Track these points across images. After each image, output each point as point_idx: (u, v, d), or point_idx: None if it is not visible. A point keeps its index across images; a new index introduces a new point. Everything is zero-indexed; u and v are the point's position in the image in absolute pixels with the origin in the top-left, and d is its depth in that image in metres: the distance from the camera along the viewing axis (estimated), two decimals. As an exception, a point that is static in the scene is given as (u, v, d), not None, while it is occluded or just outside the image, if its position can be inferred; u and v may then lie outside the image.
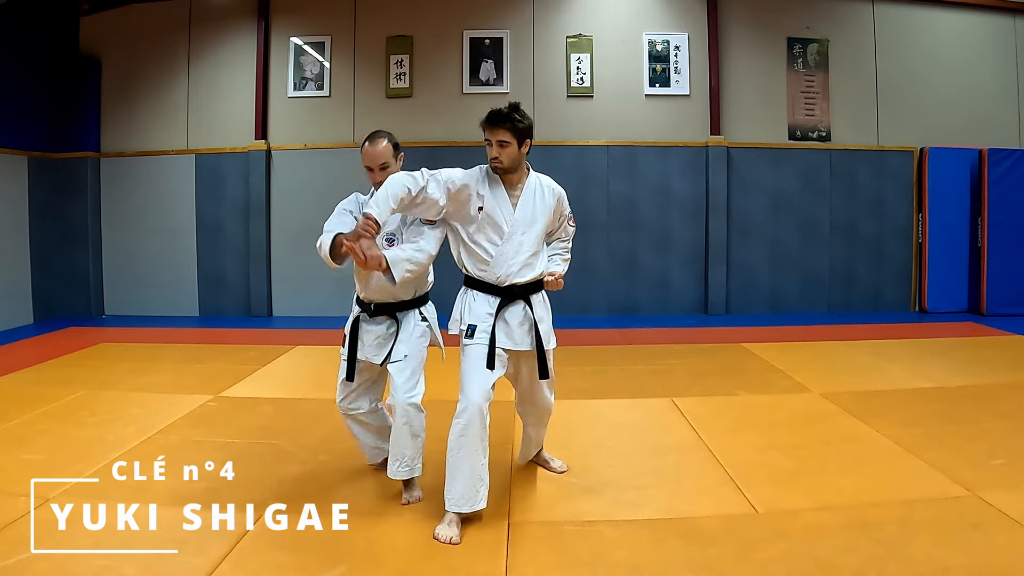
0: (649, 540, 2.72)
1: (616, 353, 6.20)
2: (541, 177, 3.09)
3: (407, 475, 3.06)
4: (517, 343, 2.97)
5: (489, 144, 2.91)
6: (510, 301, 2.98)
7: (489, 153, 2.92)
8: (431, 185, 2.86)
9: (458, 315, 3.03)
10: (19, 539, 2.69)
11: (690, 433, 4.02)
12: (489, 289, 2.97)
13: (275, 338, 7.11)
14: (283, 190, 8.66)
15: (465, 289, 3.06)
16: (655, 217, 8.59)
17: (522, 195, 3.01)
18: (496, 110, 2.90)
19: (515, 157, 2.92)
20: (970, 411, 4.36)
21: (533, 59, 8.57)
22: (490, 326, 2.93)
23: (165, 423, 4.19)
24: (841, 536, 2.69)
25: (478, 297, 2.98)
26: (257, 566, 2.53)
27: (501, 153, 2.89)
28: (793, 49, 8.63)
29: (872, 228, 8.68)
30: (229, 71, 8.73)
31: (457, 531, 2.76)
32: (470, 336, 2.93)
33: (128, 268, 8.82)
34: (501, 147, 2.88)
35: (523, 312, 3.00)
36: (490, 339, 2.91)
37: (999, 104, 8.70)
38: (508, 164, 2.92)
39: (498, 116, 2.87)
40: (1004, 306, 8.21)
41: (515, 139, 2.88)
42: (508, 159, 2.90)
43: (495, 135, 2.88)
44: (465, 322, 2.97)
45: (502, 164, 2.91)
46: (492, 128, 2.88)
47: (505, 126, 2.85)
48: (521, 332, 2.98)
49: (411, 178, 2.84)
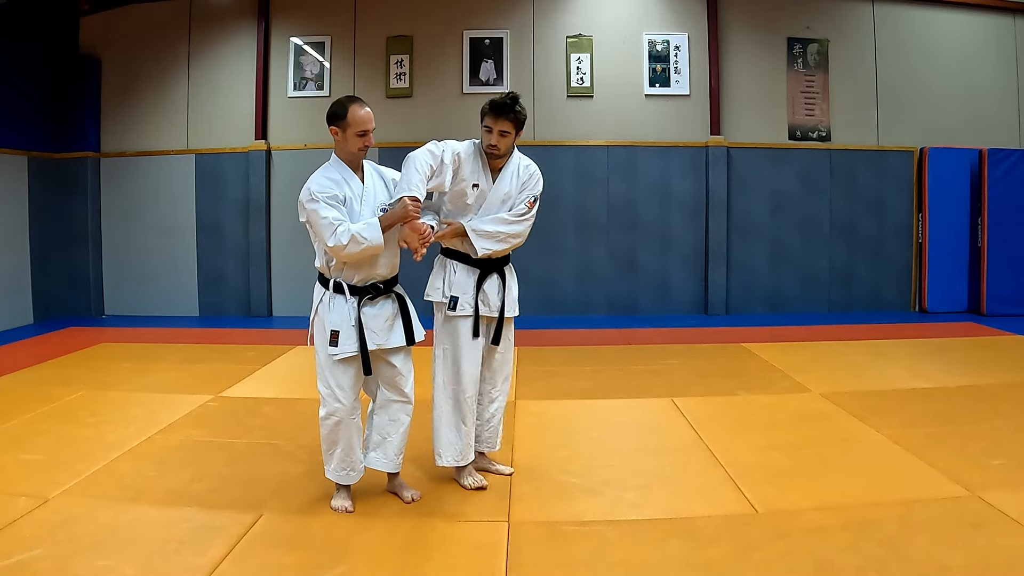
0: (649, 540, 2.72)
1: (616, 353, 6.20)
2: (522, 158, 3.24)
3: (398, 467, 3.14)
4: (492, 311, 3.20)
5: (489, 131, 3.05)
6: (488, 273, 3.18)
7: (487, 140, 3.07)
8: (446, 155, 3.00)
9: (440, 284, 3.17)
10: (19, 539, 2.69)
11: (690, 433, 4.02)
12: (469, 260, 3.14)
13: (275, 338, 7.11)
14: (283, 190, 8.66)
15: (444, 259, 3.21)
16: (655, 217, 8.59)
17: (502, 173, 3.17)
18: (500, 101, 3.03)
19: (511, 146, 3.12)
20: (970, 411, 4.36)
21: (533, 59, 8.57)
22: (472, 297, 3.13)
23: (165, 423, 4.19)
24: (841, 536, 2.68)
25: (458, 269, 3.14)
26: (257, 566, 2.53)
27: (500, 142, 3.06)
28: (793, 49, 8.63)
29: (872, 228, 8.68)
30: (229, 71, 8.73)
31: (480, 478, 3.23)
32: (452, 308, 3.13)
33: (128, 268, 8.82)
34: (502, 136, 3.05)
35: (498, 282, 3.21)
36: (475, 309, 3.12)
37: (999, 104, 8.70)
38: (505, 151, 3.10)
39: (503, 107, 3.02)
40: (1004, 306, 8.21)
41: (515, 130, 3.06)
42: (505, 147, 3.09)
43: (497, 124, 3.04)
44: (447, 294, 3.14)
45: (499, 151, 3.08)
46: (496, 118, 3.03)
47: (508, 117, 3.03)
48: (496, 301, 3.20)
49: (427, 152, 2.97)
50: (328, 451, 3.01)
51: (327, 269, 2.96)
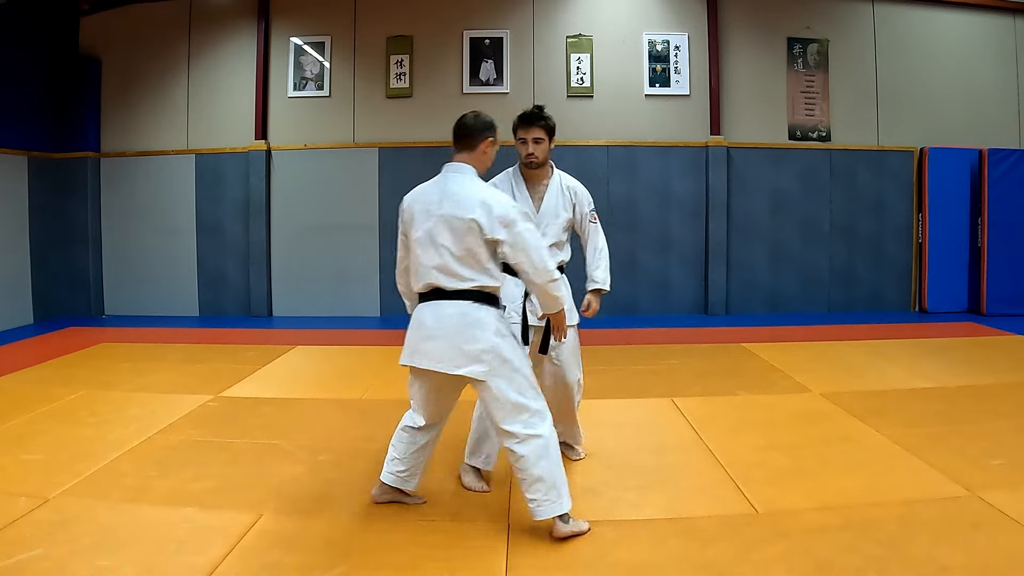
0: (649, 540, 2.72)
1: (616, 353, 6.20)
2: (563, 175, 3.41)
3: None
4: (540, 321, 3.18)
5: (524, 142, 3.24)
6: None
7: (524, 151, 3.25)
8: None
9: None
10: (19, 539, 2.69)
11: (690, 433, 4.02)
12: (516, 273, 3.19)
13: (275, 338, 7.12)
14: (283, 190, 8.66)
15: None
16: (655, 217, 8.59)
17: (546, 192, 3.33)
18: (530, 112, 3.24)
19: (547, 152, 3.27)
20: (970, 411, 4.36)
21: (533, 59, 8.57)
22: (520, 306, 3.19)
23: (165, 423, 4.19)
24: (841, 536, 2.68)
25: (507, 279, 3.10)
26: (257, 566, 2.53)
27: (536, 149, 3.23)
28: (793, 49, 8.63)
29: (872, 228, 8.68)
30: (229, 71, 8.73)
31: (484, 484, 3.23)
32: None
33: (128, 268, 8.82)
34: (536, 143, 3.23)
35: None
36: (523, 317, 3.18)
37: (999, 104, 8.70)
38: (543, 159, 3.26)
39: (533, 116, 3.23)
40: (1004, 306, 8.21)
41: (547, 136, 3.25)
42: (542, 154, 3.25)
43: (530, 133, 3.23)
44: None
45: (537, 159, 3.25)
46: (528, 127, 3.23)
47: (539, 124, 3.23)
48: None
49: (535, 231, 2.77)
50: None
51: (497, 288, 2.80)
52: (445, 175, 2.82)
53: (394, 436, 2.97)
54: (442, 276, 2.70)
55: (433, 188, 2.80)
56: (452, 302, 2.71)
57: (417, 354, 2.76)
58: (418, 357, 2.75)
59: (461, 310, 2.70)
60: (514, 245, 2.65)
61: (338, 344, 6.84)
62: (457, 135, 2.86)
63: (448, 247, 2.68)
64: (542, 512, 2.67)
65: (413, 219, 2.79)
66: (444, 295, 2.72)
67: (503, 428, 2.70)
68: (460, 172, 2.80)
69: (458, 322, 2.69)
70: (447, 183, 2.77)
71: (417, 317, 2.81)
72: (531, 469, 2.65)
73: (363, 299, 8.57)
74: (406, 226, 2.83)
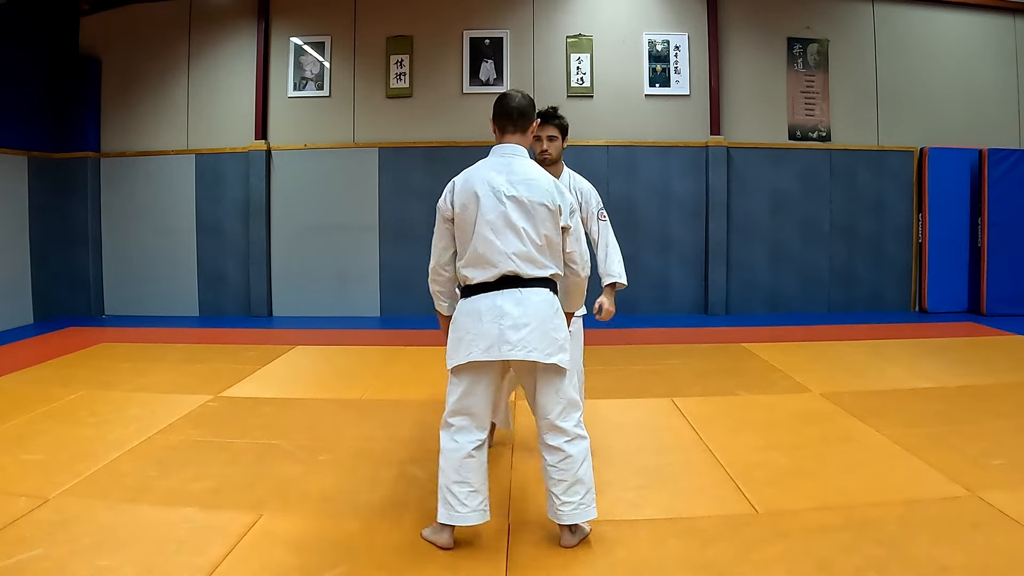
0: (649, 540, 2.72)
1: (616, 353, 6.20)
2: (573, 175, 3.51)
3: None
4: None
5: (538, 140, 3.32)
6: None
7: (538, 147, 3.34)
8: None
9: None
10: (19, 539, 2.68)
11: (690, 433, 4.02)
12: None
13: (275, 338, 7.12)
14: (283, 190, 8.66)
15: None
16: (655, 217, 8.59)
17: None
18: (545, 111, 3.33)
19: (560, 150, 3.40)
20: (970, 411, 4.36)
21: (533, 59, 8.57)
22: None
23: (165, 423, 4.19)
24: (841, 536, 2.68)
25: None
26: (257, 566, 2.52)
27: (550, 146, 3.36)
28: (793, 49, 8.63)
29: (872, 228, 8.68)
30: (229, 71, 8.73)
31: None
32: None
33: (128, 268, 8.82)
34: (550, 141, 3.36)
35: None
36: None
37: (999, 104, 8.70)
38: (557, 156, 3.39)
39: (546, 115, 3.34)
40: (1004, 306, 8.20)
41: (560, 134, 3.38)
42: (556, 151, 3.38)
43: (545, 131, 3.33)
44: None
45: (551, 156, 3.36)
46: (542, 125, 3.31)
47: (553, 123, 3.36)
48: None
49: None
50: None
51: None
52: (505, 157, 2.64)
53: (455, 468, 2.60)
54: (523, 263, 2.54)
55: (495, 170, 2.61)
56: (535, 290, 2.57)
57: (506, 345, 2.51)
58: (507, 348, 2.52)
59: (545, 298, 2.59)
60: (573, 234, 2.65)
61: (338, 344, 6.84)
62: (511, 115, 2.67)
63: (529, 232, 2.55)
64: (578, 516, 2.59)
65: (478, 201, 2.56)
66: (522, 283, 2.56)
67: (557, 424, 2.59)
68: (520, 155, 2.66)
69: (546, 309, 2.57)
70: (512, 164, 2.62)
71: (486, 308, 2.56)
72: (575, 470, 2.58)
73: (363, 299, 8.57)
74: (463, 210, 2.59)
